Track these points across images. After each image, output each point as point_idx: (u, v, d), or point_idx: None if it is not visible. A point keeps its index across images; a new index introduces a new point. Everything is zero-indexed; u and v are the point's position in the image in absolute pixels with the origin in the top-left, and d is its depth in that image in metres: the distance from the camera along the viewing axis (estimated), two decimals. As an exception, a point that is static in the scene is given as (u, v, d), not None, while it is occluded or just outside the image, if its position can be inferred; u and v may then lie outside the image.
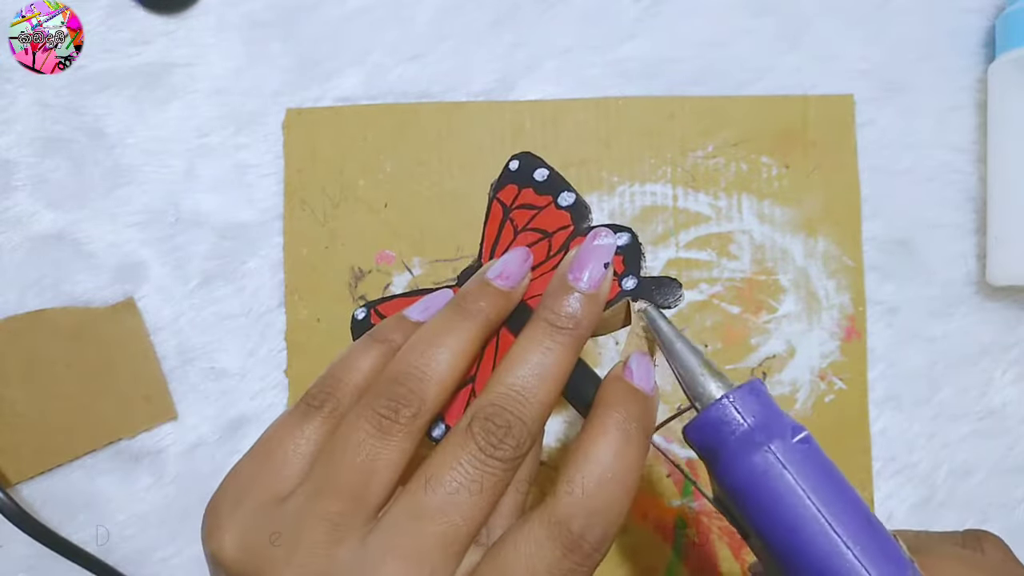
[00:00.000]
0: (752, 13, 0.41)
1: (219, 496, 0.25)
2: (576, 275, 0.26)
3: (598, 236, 0.27)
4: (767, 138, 0.40)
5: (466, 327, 0.26)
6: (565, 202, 0.30)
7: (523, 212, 0.30)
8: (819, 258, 0.40)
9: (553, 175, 0.31)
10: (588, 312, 0.26)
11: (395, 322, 0.28)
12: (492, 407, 0.24)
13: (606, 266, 0.27)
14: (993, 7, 0.41)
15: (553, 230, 0.30)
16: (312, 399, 0.26)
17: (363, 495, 0.23)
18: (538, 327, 0.26)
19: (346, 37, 0.41)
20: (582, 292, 0.26)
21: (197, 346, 0.40)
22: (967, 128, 0.41)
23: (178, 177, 0.40)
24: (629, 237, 0.28)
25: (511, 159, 0.31)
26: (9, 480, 0.39)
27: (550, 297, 0.26)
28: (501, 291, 0.27)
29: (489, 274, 0.27)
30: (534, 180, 0.31)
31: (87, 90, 0.40)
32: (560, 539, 0.23)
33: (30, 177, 0.40)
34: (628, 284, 0.28)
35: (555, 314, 0.26)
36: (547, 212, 0.30)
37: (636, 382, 0.26)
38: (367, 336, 0.27)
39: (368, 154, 0.40)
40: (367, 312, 0.31)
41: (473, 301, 0.26)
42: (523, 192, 0.31)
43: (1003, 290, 0.40)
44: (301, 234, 0.40)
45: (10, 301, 0.40)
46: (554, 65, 0.41)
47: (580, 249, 0.27)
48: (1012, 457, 0.40)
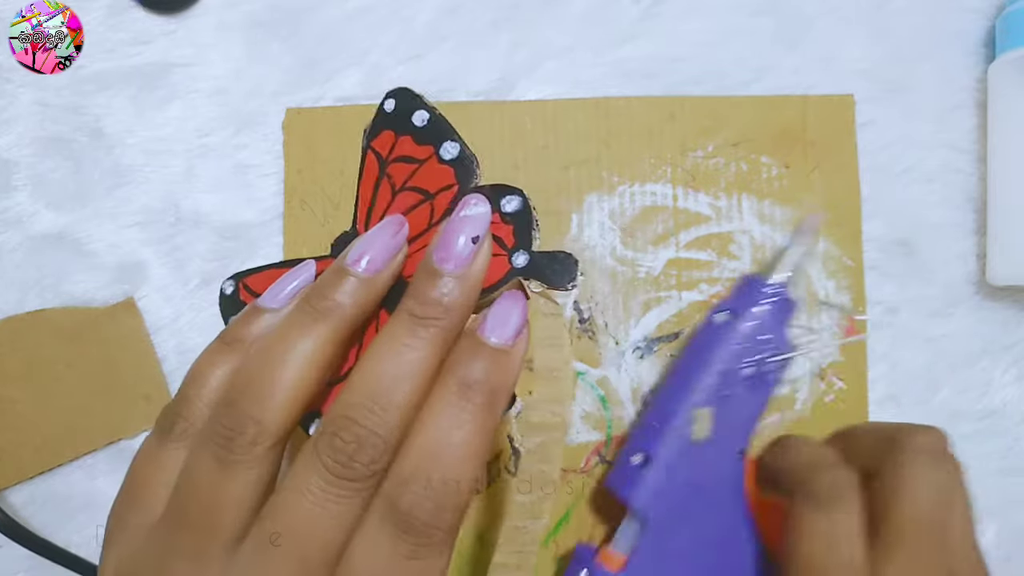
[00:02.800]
0: (752, 13, 0.41)
1: (106, 533, 0.24)
2: (441, 254, 0.23)
3: (466, 205, 0.23)
4: (767, 138, 0.40)
5: (317, 330, 0.22)
6: (448, 155, 0.25)
7: (401, 167, 0.26)
8: (819, 258, 0.40)
9: (435, 119, 0.26)
10: (458, 299, 0.23)
11: (247, 316, 0.25)
12: (341, 420, 0.21)
13: (475, 240, 0.23)
14: (993, 7, 0.41)
15: (435, 190, 0.25)
16: (164, 421, 0.24)
17: (215, 528, 0.21)
18: (398, 321, 0.22)
19: (346, 37, 0.41)
20: (449, 275, 0.22)
21: (197, 346, 0.40)
22: (967, 128, 0.41)
23: (178, 177, 0.40)
24: (519, 202, 0.24)
25: (386, 97, 0.26)
26: (10, 479, 0.39)
27: (414, 283, 0.23)
28: (363, 279, 0.23)
29: (347, 261, 0.24)
30: (413, 125, 0.26)
31: (87, 90, 0.40)
32: (390, 521, 0.21)
33: (30, 177, 0.40)
34: (519, 260, 0.24)
35: (418, 303, 0.22)
36: (428, 167, 0.25)
37: (485, 334, 0.23)
38: (218, 340, 0.25)
39: (368, 154, 0.40)
40: (235, 286, 0.28)
41: (326, 296, 0.23)
42: (401, 140, 0.26)
43: (1003, 290, 0.40)
44: (301, 234, 0.40)
45: (10, 301, 0.40)
46: (554, 65, 0.41)
47: (446, 223, 0.23)
48: (1012, 457, 0.40)
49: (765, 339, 0.34)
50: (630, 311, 0.39)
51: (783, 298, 0.35)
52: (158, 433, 0.24)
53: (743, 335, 0.34)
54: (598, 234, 0.40)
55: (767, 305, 0.34)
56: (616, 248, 0.40)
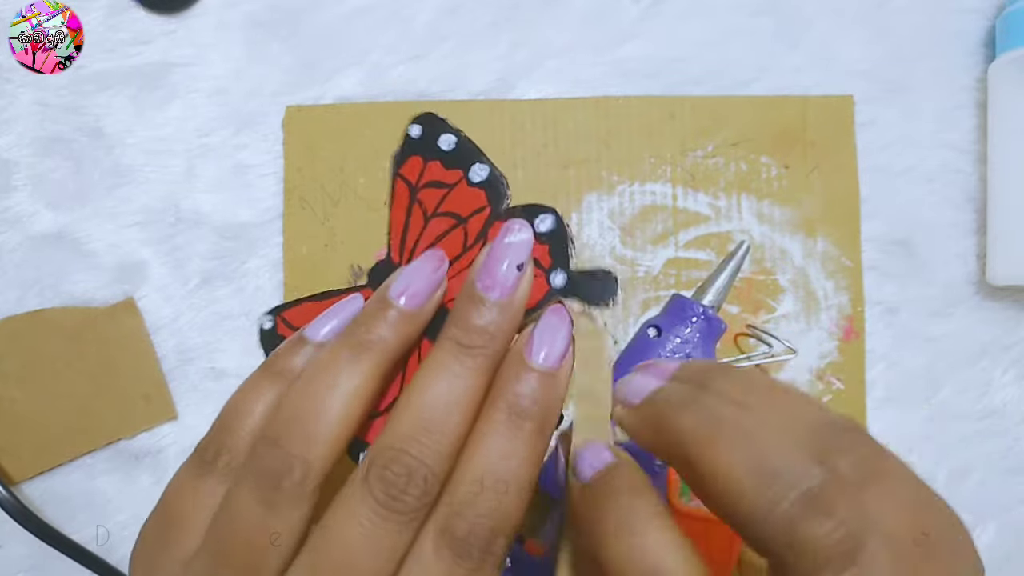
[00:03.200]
0: (752, 13, 0.41)
1: (132, 562, 0.23)
2: (485, 282, 0.23)
3: (510, 231, 0.23)
4: (767, 138, 0.40)
5: (361, 365, 0.22)
6: (478, 177, 0.25)
7: (432, 192, 0.26)
8: (818, 258, 0.40)
9: (462, 142, 0.26)
10: (503, 326, 0.22)
11: (292, 347, 0.24)
12: (390, 452, 0.21)
13: (520, 267, 0.23)
14: (993, 7, 0.41)
15: (468, 214, 0.25)
16: (205, 452, 0.23)
17: (259, 567, 0.21)
18: (443, 349, 0.22)
19: (346, 37, 0.41)
20: (493, 303, 0.22)
21: (197, 346, 0.40)
22: (967, 128, 0.41)
23: (178, 177, 0.40)
24: (553, 221, 0.24)
25: (411, 123, 0.26)
26: (12, 479, 0.39)
27: (457, 310, 0.23)
28: (405, 313, 0.23)
29: (391, 292, 0.23)
30: (440, 150, 0.26)
31: (87, 90, 0.40)
32: (446, 548, 0.20)
33: (30, 177, 0.40)
34: (557, 280, 0.24)
35: (462, 331, 0.22)
36: (459, 191, 0.25)
37: (531, 357, 0.22)
38: (262, 370, 0.24)
39: (368, 152, 0.40)
40: (273, 321, 0.27)
41: (371, 329, 0.23)
42: (429, 166, 0.26)
43: (1003, 290, 0.40)
44: (301, 232, 0.40)
45: (10, 301, 0.40)
46: (554, 65, 0.41)
47: (489, 249, 0.23)
48: (1012, 457, 0.40)
49: (689, 356, 0.36)
50: (629, 310, 0.39)
51: (710, 319, 0.36)
52: (197, 465, 0.23)
53: (669, 351, 0.36)
54: (597, 233, 0.40)
55: (694, 325, 0.36)
56: (615, 247, 0.40)
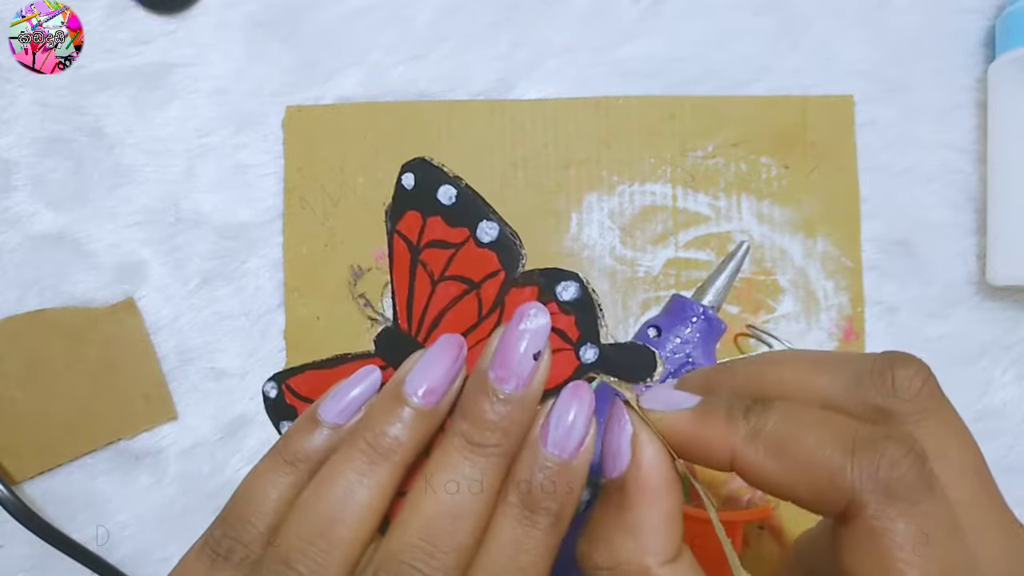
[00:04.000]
0: (752, 13, 0.41)
1: None
2: (499, 372, 0.21)
3: (525, 316, 0.21)
4: (766, 138, 0.40)
5: (377, 474, 0.21)
6: (487, 237, 0.22)
7: (436, 252, 0.23)
8: (818, 258, 0.40)
9: (463, 194, 0.23)
10: (518, 421, 0.21)
11: (305, 428, 0.23)
12: (397, 565, 0.20)
13: (536, 356, 0.21)
14: (993, 7, 0.41)
15: (480, 278, 0.23)
16: (218, 545, 0.22)
17: None
18: (453, 446, 0.21)
19: (346, 37, 0.41)
20: (508, 396, 0.21)
21: (197, 346, 0.40)
22: (967, 128, 0.41)
23: (178, 177, 0.40)
24: (577, 288, 0.21)
25: (403, 170, 0.23)
26: (12, 478, 0.39)
27: (467, 401, 0.21)
28: (421, 412, 0.21)
29: (406, 388, 0.21)
30: (440, 204, 0.23)
31: (87, 90, 0.40)
32: None
33: (30, 177, 0.40)
34: (587, 355, 0.21)
35: (474, 427, 0.21)
36: (467, 251, 0.23)
37: (548, 447, 0.21)
38: (275, 454, 0.23)
39: (368, 152, 0.40)
40: (278, 389, 0.26)
41: (385, 432, 0.21)
42: (430, 222, 0.23)
43: (1003, 290, 0.40)
44: (301, 232, 0.40)
45: (10, 301, 0.40)
46: (554, 65, 0.41)
47: (502, 334, 0.21)
48: (1012, 457, 0.40)
49: (689, 356, 0.35)
50: (629, 310, 0.39)
51: (710, 319, 0.36)
52: (211, 557, 0.22)
53: (669, 351, 0.35)
54: (597, 233, 0.40)
55: (694, 326, 0.36)
56: (615, 247, 0.40)
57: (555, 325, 0.22)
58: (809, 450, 0.19)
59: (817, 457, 0.19)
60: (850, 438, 0.19)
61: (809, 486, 0.19)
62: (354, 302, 0.39)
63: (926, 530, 0.18)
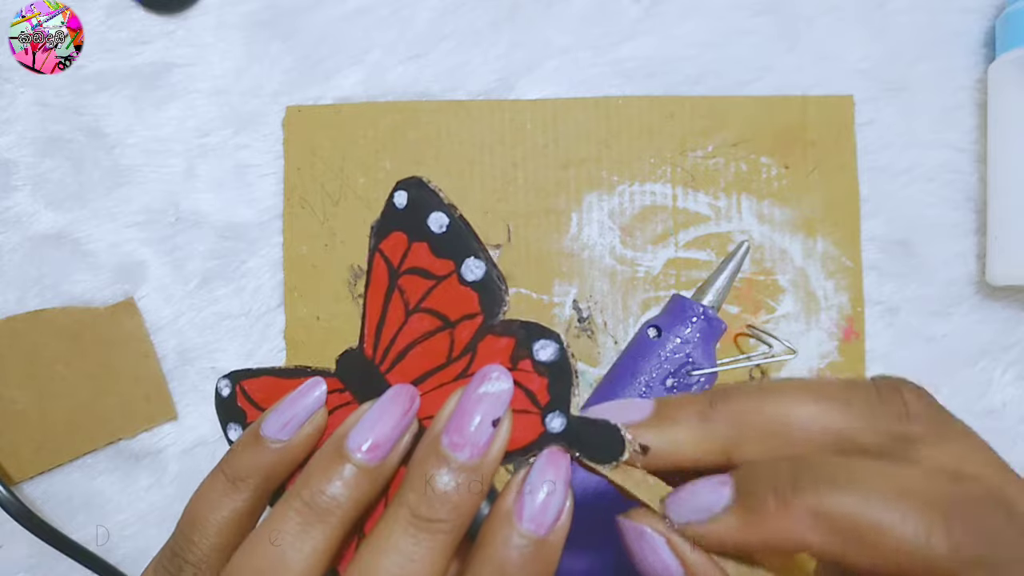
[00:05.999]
0: (752, 13, 0.41)
1: None
2: (454, 438, 0.19)
3: (486, 379, 0.20)
4: (767, 138, 0.40)
5: (313, 535, 0.19)
6: (471, 275, 0.21)
7: (415, 280, 0.22)
8: (818, 258, 0.40)
9: (455, 224, 0.21)
10: (471, 494, 0.19)
11: (249, 447, 0.22)
12: None
13: (495, 423, 0.19)
14: (993, 7, 0.41)
15: (456, 318, 0.21)
16: (170, 563, 0.22)
17: None
18: (397, 519, 0.19)
19: (346, 37, 0.41)
20: (461, 465, 0.19)
21: (197, 346, 0.40)
22: (967, 128, 0.41)
23: (178, 177, 0.40)
24: (556, 351, 0.20)
25: (396, 188, 0.22)
26: (12, 479, 0.39)
27: (415, 469, 0.19)
28: (364, 469, 0.20)
29: (349, 443, 0.20)
30: (429, 230, 0.21)
31: (87, 90, 0.40)
32: None
33: (30, 177, 0.40)
34: (554, 424, 0.20)
35: (421, 499, 0.19)
36: (448, 286, 0.21)
37: (522, 522, 0.19)
38: (218, 472, 0.23)
39: (368, 152, 0.40)
40: (232, 388, 0.25)
41: (323, 490, 0.19)
42: (415, 247, 0.22)
43: (1003, 290, 0.40)
44: (301, 232, 0.40)
45: (10, 301, 0.40)
46: (554, 65, 0.41)
47: (460, 396, 0.20)
48: (1012, 457, 0.39)
49: (689, 356, 0.35)
50: (629, 310, 0.39)
51: (710, 319, 0.36)
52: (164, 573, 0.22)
53: (669, 351, 0.35)
54: (597, 233, 0.40)
55: (694, 326, 0.36)
56: (615, 247, 0.40)
57: (526, 384, 0.20)
58: (893, 532, 0.16)
59: (904, 538, 0.16)
60: (934, 507, 0.16)
61: (898, 567, 0.16)
62: (354, 302, 0.39)
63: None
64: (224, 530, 0.21)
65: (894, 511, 0.17)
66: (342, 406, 0.23)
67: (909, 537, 0.16)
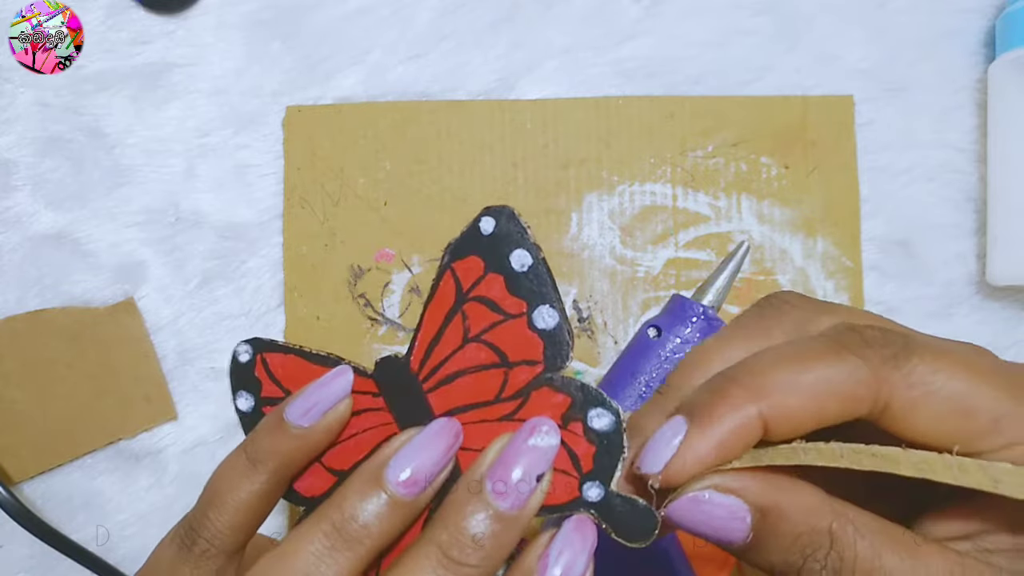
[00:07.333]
0: (752, 13, 0.41)
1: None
2: (496, 486, 0.19)
3: (536, 431, 0.19)
4: (767, 138, 0.40)
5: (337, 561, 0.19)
6: (542, 323, 0.20)
7: (482, 310, 0.21)
8: (818, 259, 0.40)
9: (538, 267, 0.20)
10: (504, 543, 0.19)
11: (272, 430, 0.22)
12: None
13: (539, 479, 0.19)
14: (993, 7, 0.41)
15: (515, 360, 0.21)
16: (185, 535, 0.22)
17: None
18: (426, 557, 0.18)
19: (346, 37, 0.41)
20: (500, 514, 0.19)
21: (197, 346, 0.40)
22: (967, 128, 0.41)
23: (178, 177, 0.40)
24: (611, 423, 0.19)
25: (484, 212, 0.21)
26: (12, 479, 0.39)
27: (452, 508, 0.19)
28: (399, 501, 0.19)
29: (388, 472, 0.20)
30: (510, 266, 0.21)
31: (87, 90, 0.40)
32: None
33: (30, 177, 0.40)
34: (591, 493, 0.19)
35: (454, 540, 0.18)
36: (515, 327, 0.21)
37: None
38: (241, 450, 0.23)
39: (368, 152, 0.40)
40: (252, 356, 0.24)
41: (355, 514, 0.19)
42: (490, 278, 0.21)
43: (1003, 290, 0.40)
44: (301, 232, 0.40)
45: (10, 301, 0.40)
46: (554, 65, 0.41)
47: (508, 443, 0.19)
48: (1012, 457, 0.40)
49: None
50: (629, 310, 0.39)
51: (710, 319, 0.36)
52: (179, 544, 0.22)
53: (669, 351, 0.35)
54: (597, 233, 0.40)
55: (694, 325, 0.36)
56: (615, 247, 0.40)
57: (572, 446, 0.20)
58: (970, 395, 0.17)
59: (980, 400, 0.17)
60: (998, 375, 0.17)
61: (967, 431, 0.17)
62: (354, 302, 0.39)
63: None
64: (240, 511, 0.21)
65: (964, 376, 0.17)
66: (371, 410, 0.23)
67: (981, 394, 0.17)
